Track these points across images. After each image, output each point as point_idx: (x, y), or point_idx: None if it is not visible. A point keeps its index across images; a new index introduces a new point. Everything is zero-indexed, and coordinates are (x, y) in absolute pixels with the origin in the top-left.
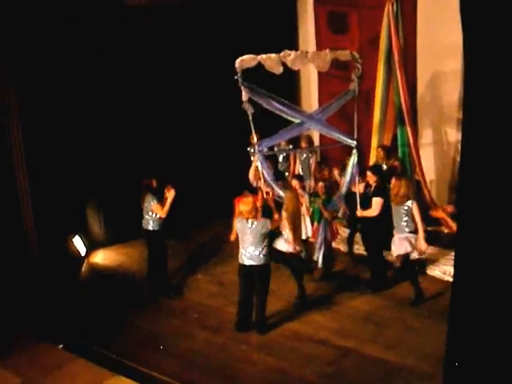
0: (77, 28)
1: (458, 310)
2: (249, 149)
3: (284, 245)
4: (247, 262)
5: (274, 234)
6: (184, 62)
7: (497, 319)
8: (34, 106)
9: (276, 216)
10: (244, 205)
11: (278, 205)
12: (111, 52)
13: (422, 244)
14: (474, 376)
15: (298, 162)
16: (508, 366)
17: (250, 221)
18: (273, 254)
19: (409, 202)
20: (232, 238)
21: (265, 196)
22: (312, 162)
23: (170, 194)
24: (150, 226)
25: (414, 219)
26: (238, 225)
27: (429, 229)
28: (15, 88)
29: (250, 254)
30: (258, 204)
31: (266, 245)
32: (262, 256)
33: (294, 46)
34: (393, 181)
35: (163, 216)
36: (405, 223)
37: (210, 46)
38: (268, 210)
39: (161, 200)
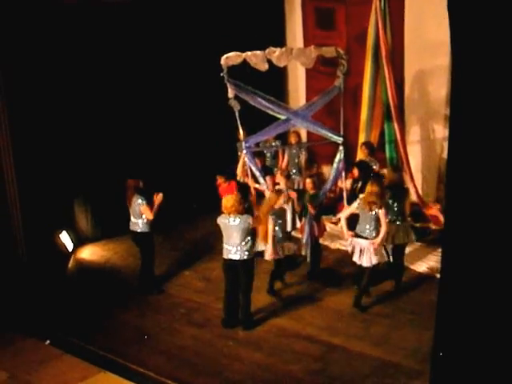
0: (63, 26)
1: (445, 307)
2: (238, 145)
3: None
4: (230, 257)
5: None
6: (171, 60)
7: (483, 315)
8: (22, 104)
9: (257, 213)
10: (226, 201)
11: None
12: (98, 50)
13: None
14: (461, 372)
15: (286, 158)
16: (494, 361)
17: (232, 216)
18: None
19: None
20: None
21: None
22: (302, 158)
23: (158, 199)
24: (139, 228)
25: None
26: (221, 220)
27: (417, 225)
28: (2, 86)
29: (232, 248)
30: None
31: (248, 240)
32: (244, 251)
33: (281, 42)
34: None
35: (151, 218)
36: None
37: (196, 42)
38: (250, 207)
39: (149, 201)
